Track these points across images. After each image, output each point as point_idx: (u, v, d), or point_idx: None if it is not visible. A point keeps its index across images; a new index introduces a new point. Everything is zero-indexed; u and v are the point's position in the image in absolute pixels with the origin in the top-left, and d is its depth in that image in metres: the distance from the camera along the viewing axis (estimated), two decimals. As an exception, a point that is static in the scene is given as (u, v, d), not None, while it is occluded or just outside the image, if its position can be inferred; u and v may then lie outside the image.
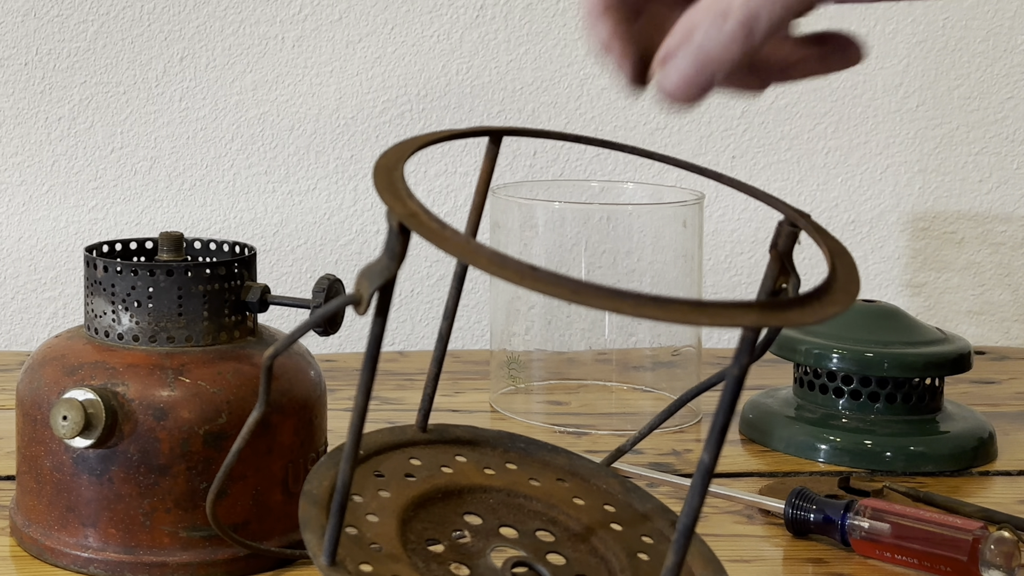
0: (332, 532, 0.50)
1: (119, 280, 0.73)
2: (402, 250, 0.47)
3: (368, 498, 0.55)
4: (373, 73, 1.26)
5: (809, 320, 0.45)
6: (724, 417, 0.45)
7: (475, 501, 0.57)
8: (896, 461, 0.91)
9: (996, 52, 1.31)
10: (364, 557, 0.51)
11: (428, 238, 0.44)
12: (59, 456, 0.72)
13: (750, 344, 0.45)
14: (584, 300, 0.42)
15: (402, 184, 0.48)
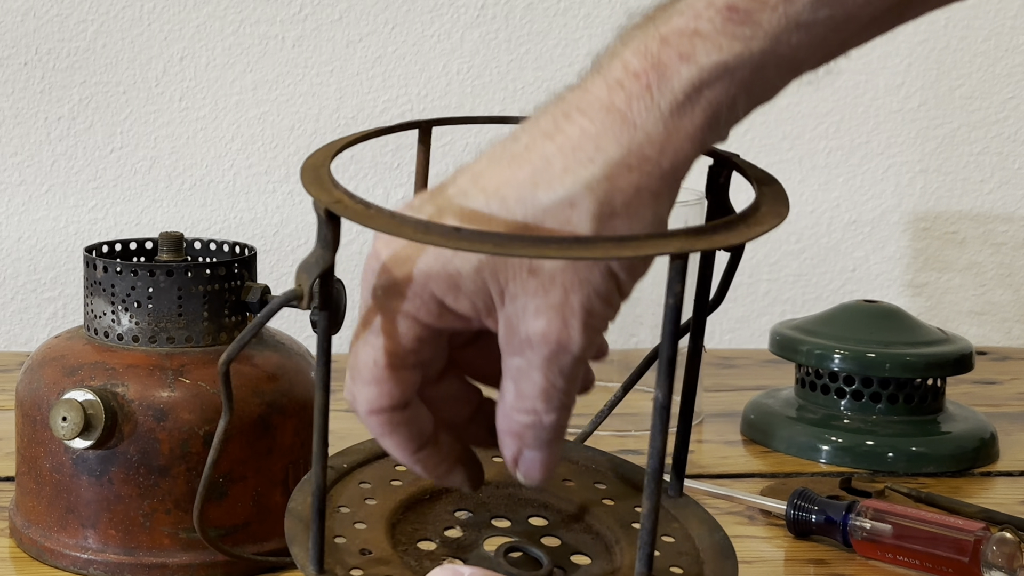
0: (315, 539, 0.50)
1: (119, 280, 0.73)
2: (334, 237, 0.48)
3: (355, 508, 0.55)
4: (373, 73, 1.26)
5: (735, 240, 0.45)
6: (669, 350, 0.45)
7: (464, 497, 0.58)
8: (898, 462, 0.91)
9: (998, 52, 1.30)
10: (354, 563, 0.51)
11: (355, 219, 0.46)
12: (59, 457, 0.72)
13: (680, 272, 0.45)
14: (510, 251, 0.43)
15: (327, 177, 0.49)
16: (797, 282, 1.32)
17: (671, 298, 0.45)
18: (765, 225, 0.47)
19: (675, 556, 0.54)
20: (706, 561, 0.54)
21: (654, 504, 0.46)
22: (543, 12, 1.26)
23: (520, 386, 0.50)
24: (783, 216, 0.48)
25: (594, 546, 0.55)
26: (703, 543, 0.55)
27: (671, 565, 0.53)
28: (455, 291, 0.49)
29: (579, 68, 0.51)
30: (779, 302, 1.32)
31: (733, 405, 1.04)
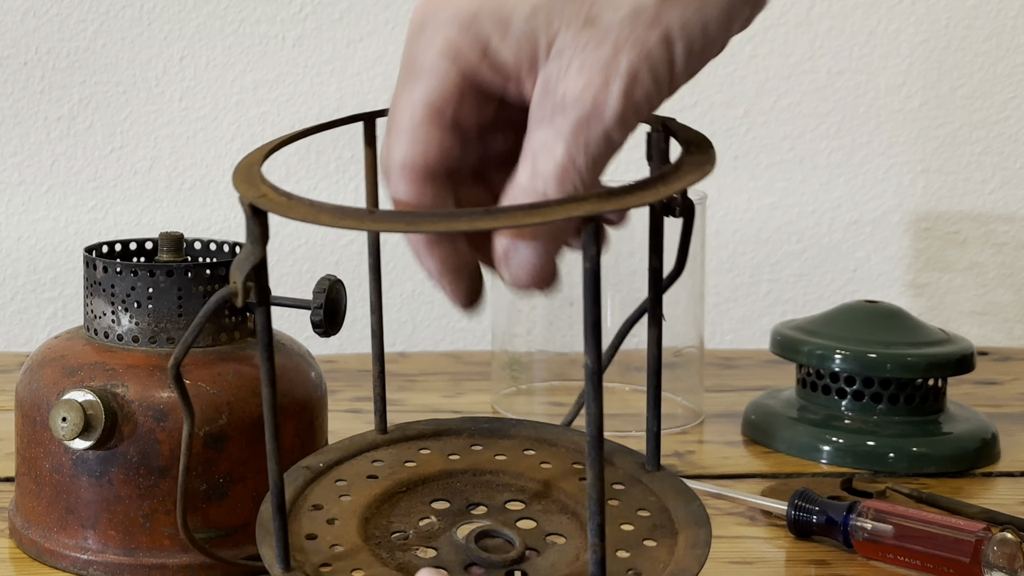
0: (279, 537, 0.51)
1: (119, 281, 0.73)
2: (261, 231, 0.49)
3: (329, 505, 0.55)
4: (374, 73, 1.26)
5: (648, 199, 0.45)
6: (592, 314, 0.45)
7: (440, 487, 0.58)
8: (899, 462, 0.91)
9: (999, 52, 1.30)
10: (323, 559, 0.52)
11: (276, 211, 0.47)
12: (58, 458, 0.72)
13: (594, 235, 0.44)
14: (421, 228, 0.44)
15: (257, 174, 0.49)
16: (798, 282, 1.32)
17: (587, 262, 0.44)
18: (683, 181, 0.47)
19: (650, 529, 0.54)
20: (680, 531, 0.54)
21: (598, 472, 0.46)
22: None
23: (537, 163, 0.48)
24: (705, 172, 0.47)
25: (570, 525, 0.55)
26: (678, 514, 0.55)
27: (645, 539, 0.53)
28: (503, 30, 0.47)
29: None
30: (780, 302, 1.32)
31: (734, 405, 1.04)
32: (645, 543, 0.53)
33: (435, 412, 1.03)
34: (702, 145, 0.50)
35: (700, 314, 1.03)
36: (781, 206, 1.31)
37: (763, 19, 1.27)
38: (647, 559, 0.52)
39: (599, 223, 0.44)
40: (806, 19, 1.28)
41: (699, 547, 0.52)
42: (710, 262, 1.29)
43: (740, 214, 1.31)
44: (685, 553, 0.52)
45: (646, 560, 0.52)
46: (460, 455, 0.60)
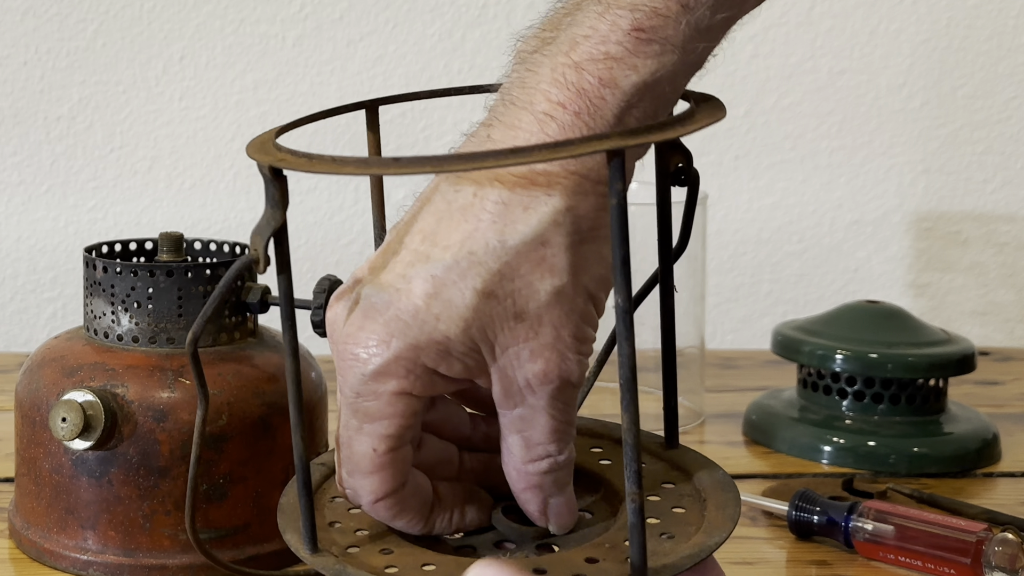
0: (306, 518, 0.50)
1: (119, 281, 0.73)
2: (281, 195, 0.48)
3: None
4: (374, 72, 1.26)
5: (669, 135, 0.47)
6: (620, 251, 0.46)
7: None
8: (900, 463, 0.91)
9: (1000, 51, 1.30)
10: (350, 542, 0.51)
11: (299, 168, 0.47)
12: (58, 458, 0.72)
13: (619, 170, 0.45)
14: (448, 168, 0.45)
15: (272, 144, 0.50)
16: (799, 282, 1.32)
17: (614, 198, 0.45)
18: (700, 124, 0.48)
19: (677, 498, 0.54)
20: (708, 497, 0.54)
21: (633, 417, 0.46)
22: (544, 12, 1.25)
23: (527, 435, 0.51)
24: (719, 117, 0.49)
25: (596, 504, 0.55)
26: (703, 483, 0.55)
27: (674, 507, 0.53)
28: (446, 357, 0.49)
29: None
30: (781, 302, 1.32)
31: (735, 406, 1.04)
32: (674, 510, 0.53)
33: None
34: (712, 100, 0.52)
35: (701, 314, 1.03)
36: (782, 206, 1.31)
37: (764, 19, 1.27)
38: (678, 524, 0.52)
39: (623, 158, 0.45)
40: (807, 19, 1.28)
41: (729, 508, 0.52)
42: (711, 262, 1.29)
43: (741, 214, 1.30)
44: (716, 515, 0.52)
45: (677, 525, 0.52)
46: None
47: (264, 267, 0.49)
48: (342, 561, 0.50)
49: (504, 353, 0.49)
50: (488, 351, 0.49)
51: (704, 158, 1.29)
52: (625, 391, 0.46)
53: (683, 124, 0.48)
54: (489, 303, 0.48)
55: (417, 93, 0.61)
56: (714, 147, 1.29)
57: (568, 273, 0.49)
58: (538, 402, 0.50)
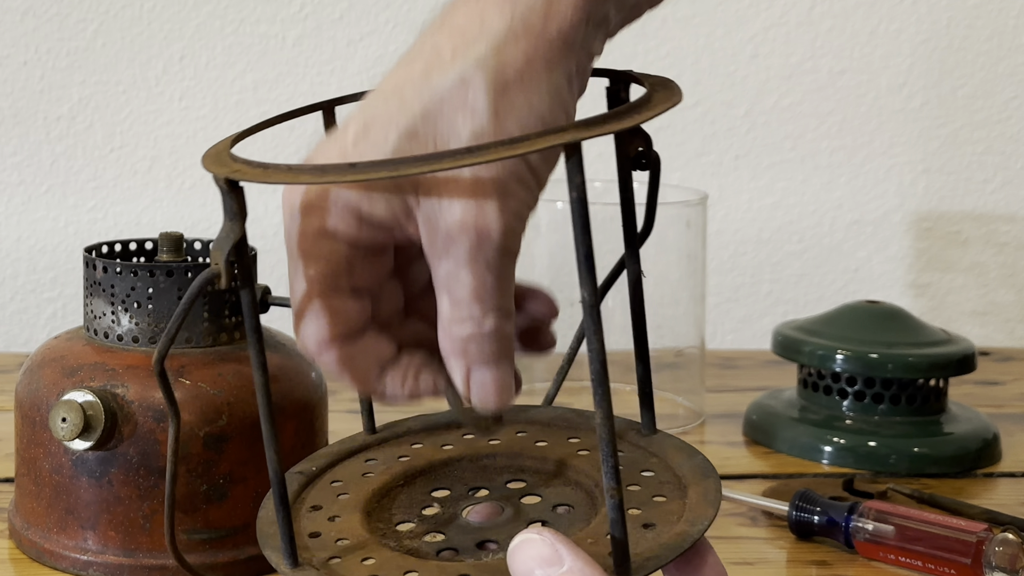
0: (284, 532, 0.50)
1: (119, 281, 0.73)
2: (239, 207, 0.48)
3: (328, 505, 0.55)
4: (374, 72, 1.25)
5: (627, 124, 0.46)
6: (584, 245, 0.45)
7: (439, 476, 0.58)
8: (900, 463, 0.91)
9: (1000, 51, 1.30)
10: (331, 553, 0.51)
11: (255, 179, 0.47)
12: (58, 458, 0.72)
13: (577, 165, 0.45)
14: (404, 171, 0.44)
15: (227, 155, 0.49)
16: (799, 282, 1.32)
17: (574, 191, 0.45)
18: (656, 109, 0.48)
19: (657, 486, 0.54)
20: (689, 484, 0.54)
21: (607, 411, 0.46)
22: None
23: (452, 293, 0.49)
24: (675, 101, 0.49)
25: (575, 495, 0.55)
26: (683, 470, 0.55)
27: (654, 495, 0.53)
28: (368, 196, 0.49)
29: None
30: (781, 302, 1.32)
31: (735, 406, 1.03)
32: (655, 499, 0.53)
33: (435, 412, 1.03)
34: (667, 84, 0.51)
35: (701, 314, 1.03)
36: (782, 206, 1.31)
37: (764, 19, 1.27)
38: (660, 512, 0.51)
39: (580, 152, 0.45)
40: (807, 19, 1.28)
41: (711, 494, 0.52)
42: (711, 262, 1.29)
43: (741, 214, 1.30)
44: (698, 501, 0.52)
45: (659, 514, 0.51)
46: (454, 445, 0.60)
47: (227, 282, 0.49)
48: (324, 573, 0.50)
49: (428, 198, 0.48)
50: (412, 195, 0.49)
51: (704, 158, 1.29)
52: (597, 385, 0.46)
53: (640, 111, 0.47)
54: (412, 143, 0.48)
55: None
56: (714, 147, 1.29)
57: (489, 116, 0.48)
58: (460, 255, 0.49)
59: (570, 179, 0.45)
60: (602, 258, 0.89)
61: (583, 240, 0.45)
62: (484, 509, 0.54)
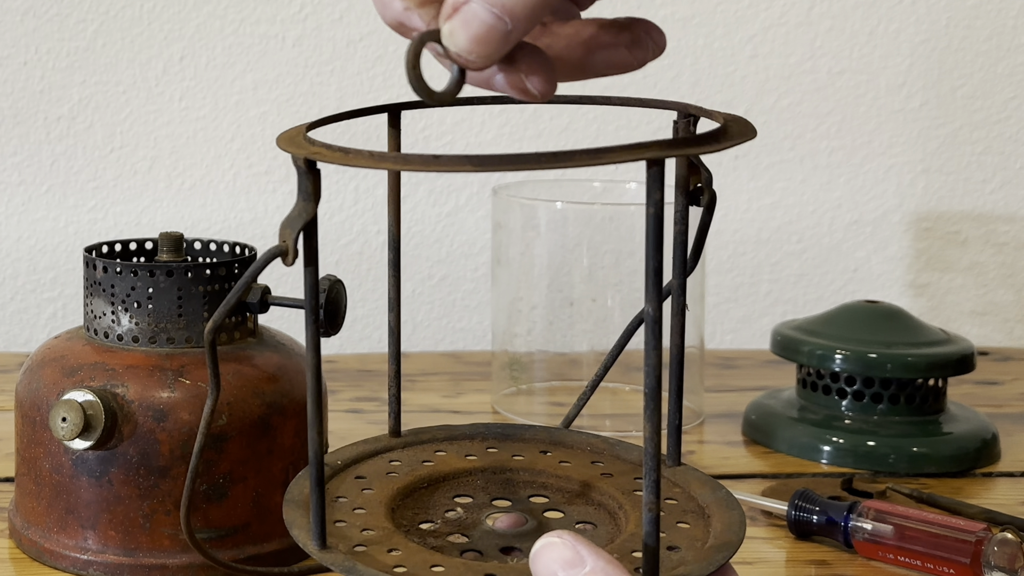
0: (316, 511, 0.50)
1: (119, 281, 0.73)
2: (314, 188, 0.49)
3: (353, 497, 0.55)
4: (374, 73, 1.26)
5: (709, 148, 0.47)
6: (655, 258, 0.46)
7: (462, 484, 0.58)
8: (899, 462, 0.91)
9: (1000, 52, 1.30)
10: (356, 541, 0.51)
11: (335, 161, 0.47)
12: (58, 458, 0.72)
13: (658, 179, 0.46)
14: (487, 167, 0.44)
15: (304, 138, 0.50)
16: (798, 282, 1.32)
17: (651, 207, 0.46)
18: (734, 141, 0.48)
19: (680, 514, 0.54)
20: (712, 515, 0.54)
21: (655, 426, 0.46)
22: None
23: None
24: (751, 137, 0.50)
25: (597, 515, 0.55)
26: (706, 500, 0.55)
27: (678, 521, 0.53)
28: None
29: None
30: (780, 302, 1.32)
31: (734, 406, 1.04)
32: (679, 525, 0.53)
33: (435, 412, 1.03)
34: (739, 120, 0.52)
35: (700, 314, 1.03)
36: (781, 206, 1.31)
37: (763, 19, 1.27)
38: (684, 537, 0.52)
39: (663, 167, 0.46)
40: (806, 19, 1.28)
41: (735, 525, 0.52)
42: (710, 262, 1.29)
43: (740, 214, 1.30)
44: (723, 531, 0.52)
45: (683, 539, 0.52)
46: (477, 456, 0.60)
47: (293, 259, 0.49)
48: (351, 558, 0.50)
49: None
50: None
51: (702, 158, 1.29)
52: (649, 400, 0.46)
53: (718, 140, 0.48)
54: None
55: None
56: (714, 147, 1.29)
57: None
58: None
59: (649, 194, 0.46)
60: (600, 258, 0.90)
61: (654, 255, 0.46)
62: (508, 518, 0.55)
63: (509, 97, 0.50)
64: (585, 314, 1.01)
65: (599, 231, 1.00)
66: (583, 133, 1.27)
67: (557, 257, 1.01)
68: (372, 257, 1.28)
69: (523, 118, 1.26)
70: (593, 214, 1.00)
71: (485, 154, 0.45)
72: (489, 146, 1.27)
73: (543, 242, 1.01)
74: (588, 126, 1.27)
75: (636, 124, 1.27)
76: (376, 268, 1.28)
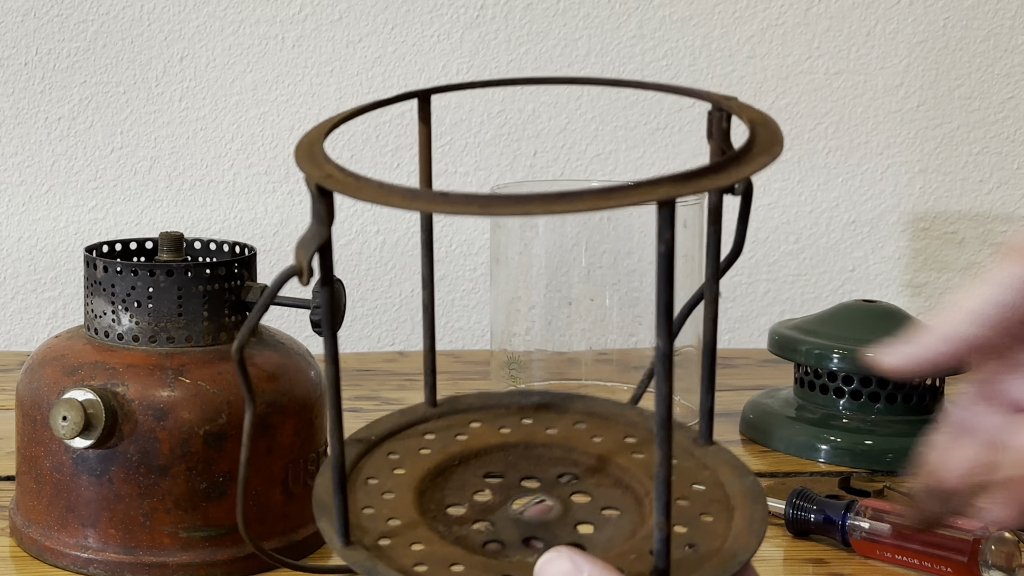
0: (339, 511, 0.51)
1: (119, 280, 0.73)
2: (327, 212, 0.48)
3: (383, 479, 0.55)
4: (373, 73, 1.26)
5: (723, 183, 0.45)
6: (665, 296, 0.45)
7: (493, 461, 0.58)
8: (897, 461, 0.91)
9: (997, 52, 1.30)
10: (382, 532, 0.52)
11: (345, 192, 0.46)
12: (59, 456, 0.72)
13: (668, 219, 0.44)
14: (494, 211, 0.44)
15: (320, 153, 0.49)
16: (796, 282, 1.32)
17: (662, 246, 0.45)
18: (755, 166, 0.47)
19: (706, 504, 0.53)
20: (736, 507, 0.53)
21: (667, 452, 0.46)
22: (543, 12, 1.26)
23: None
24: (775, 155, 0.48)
25: (624, 499, 0.55)
26: (733, 489, 0.54)
27: (701, 513, 0.53)
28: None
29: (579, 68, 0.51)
30: (778, 302, 1.32)
31: (732, 405, 1.04)
32: (702, 518, 0.53)
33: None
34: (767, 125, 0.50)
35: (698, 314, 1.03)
36: (779, 206, 1.31)
37: (761, 20, 1.27)
38: (705, 534, 0.52)
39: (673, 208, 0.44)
40: (804, 19, 1.28)
41: (756, 523, 0.52)
42: (709, 262, 1.29)
43: (739, 214, 1.31)
44: (743, 529, 0.52)
45: (704, 535, 0.52)
46: (511, 429, 0.60)
47: (307, 280, 0.49)
48: (372, 557, 0.50)
49: None
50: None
51: (701, 158, 1.29)
52: (660, 428, 0.46)
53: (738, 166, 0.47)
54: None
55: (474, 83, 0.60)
56: (712, 147, 1.29)
57: None
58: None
59: (660, 233, 0.44)
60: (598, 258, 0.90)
61: (664, 292, 0.45)
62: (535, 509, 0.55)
63: None
64: (583, 313, 1.01)
65: (597, 231, 1.00)
66: (580, 134, 1.27)
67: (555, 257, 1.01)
68: (371, 257, 1.28)
69: (522, 118, 1.27)
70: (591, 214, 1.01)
71: (493, 194, 0.45)
72: (488, 146, 1.27)
73: (541, 242, 1.02)
74: (586, 126, 1.27)
75: (634, 125, 1.27)
76: (376, 268, 1.28)
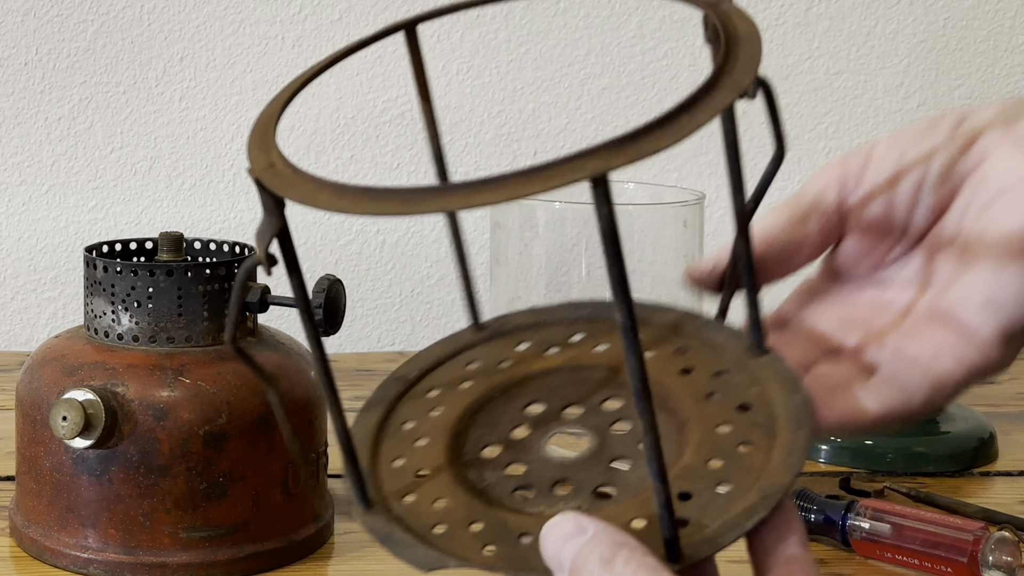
0: (353, 478, 0.50)
1: (119, 280, 0.73)
2: (273, 202, 0.47)
3: (419, 422, 0.54)
4: (373, 73, 1.26)
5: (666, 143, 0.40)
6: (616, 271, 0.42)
7: (535, 388, 0.55)
8: (897, 461, 0.91)
9: (997, 52, 1.30)
10: (409, 488, 0.51)
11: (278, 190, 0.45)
12: (59, 456, 0.72)
13: (604, 195, 0.40)
14: (415, 209, 0.41)
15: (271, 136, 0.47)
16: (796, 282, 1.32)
17: (602, 222, 0.41)
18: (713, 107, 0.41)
19: (749, 429, 0.51)
20: (779, 432, 0.50)
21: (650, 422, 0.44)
22: (543, 12, 1.26)
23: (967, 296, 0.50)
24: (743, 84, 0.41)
25: (665, 427, 0.51)
26: (779, 409, 0.51)
27: (741, 442, 0.50)
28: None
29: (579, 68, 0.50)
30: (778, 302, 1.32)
31: (732, 405, 1.04)
32: (739, 449, 0.50)
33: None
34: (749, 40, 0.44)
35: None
36: (780, 206, 1.31)
37: (761, 20, 1.27)
38: (739, 469, 0.49)
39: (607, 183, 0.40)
40: (804, 19, 1.28)
41: (794, 453, 0.48)
42: (709, 262, 1.29)
43: (739, 214, 1.31)
44: (779, 463, 0.49)
45: (738, 471, 0.49)
46: (560, 348, 0.57)
47: (268, 269, 0.48)
48: (391, 522, 0.49)
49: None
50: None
51: (701, 158, 1.29)
52: (638, 400, 0.45)
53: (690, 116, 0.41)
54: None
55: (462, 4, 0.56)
56: (712, 146, 1.29)
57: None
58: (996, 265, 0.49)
59: (598, 210, 0.41)
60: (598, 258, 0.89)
61: (615, 267, 0.42)
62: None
63: None
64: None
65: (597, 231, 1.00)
66: (581, 134, 1.27)
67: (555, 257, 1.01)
68: (371, 257, 1.28)
69: (522, 118, 1.27)
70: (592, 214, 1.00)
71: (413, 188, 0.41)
72: (488, 146, 1.27)
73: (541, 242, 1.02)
74: (586, 126, 1.27)
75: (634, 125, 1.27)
76: (375, 267, 1.28)
